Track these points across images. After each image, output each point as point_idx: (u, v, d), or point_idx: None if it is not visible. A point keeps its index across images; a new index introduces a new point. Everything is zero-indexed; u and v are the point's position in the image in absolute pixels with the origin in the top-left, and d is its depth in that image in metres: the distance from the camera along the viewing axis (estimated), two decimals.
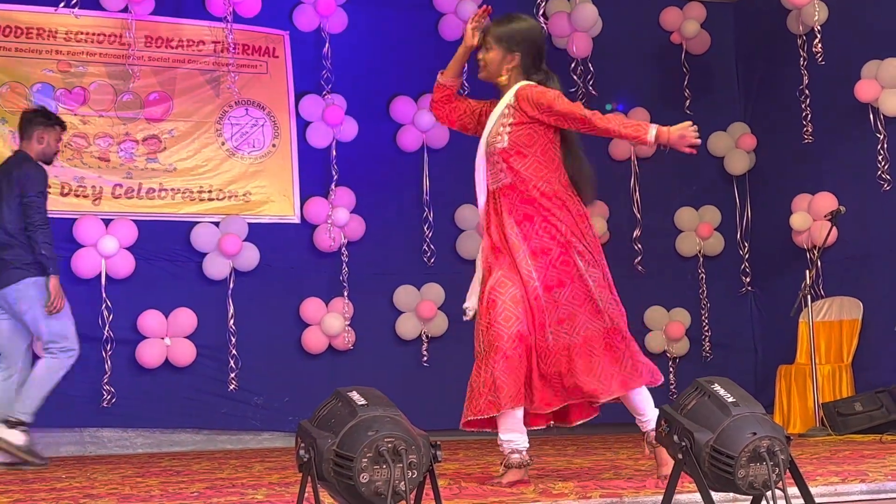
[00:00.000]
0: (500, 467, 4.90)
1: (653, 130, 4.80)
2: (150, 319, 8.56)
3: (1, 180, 7.15)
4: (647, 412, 4.83)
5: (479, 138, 5.22)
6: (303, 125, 9.27)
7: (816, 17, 8.96)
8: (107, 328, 8.45)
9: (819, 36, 8.94)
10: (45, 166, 7.28)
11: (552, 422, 5.09)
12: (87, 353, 8.41)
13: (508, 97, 5.14)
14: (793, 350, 9.33)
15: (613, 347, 4.83)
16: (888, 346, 8.78)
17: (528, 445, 4.87)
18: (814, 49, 8.99)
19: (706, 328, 10.24)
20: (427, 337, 9.39)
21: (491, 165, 5.08)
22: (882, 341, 8.85)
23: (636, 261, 10.06)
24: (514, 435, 4.85)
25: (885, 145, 8.97)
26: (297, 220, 9.19)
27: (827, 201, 9.18)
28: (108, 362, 8.42)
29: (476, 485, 4.78)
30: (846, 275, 9.27)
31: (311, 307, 9.05)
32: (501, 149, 5.02)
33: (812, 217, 9.33)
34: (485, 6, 5.37)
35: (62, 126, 7.51)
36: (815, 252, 8.98)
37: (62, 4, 8.08)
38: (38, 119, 7.37)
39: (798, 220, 9.42)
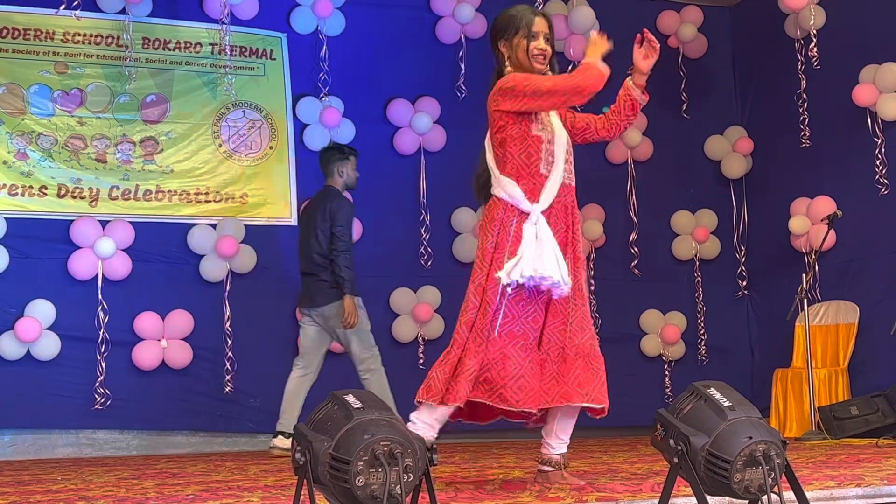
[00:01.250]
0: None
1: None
2: (146, 321, 8.56)
3: (315, 212, 7.76)
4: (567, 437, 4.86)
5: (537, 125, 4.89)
6: (300, 127, 9.28)
7: (812, 22, 8.97)
8: (102, 330, 8.45)
9: (815, 40, 8.95)
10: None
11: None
12: (83, 354, 8.43)
13: None
14: (789, 354, 9.33)
15: (593, 358, 4.77)
16: (884, 350, 8.78)
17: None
18: (810, 53, 9.00)
19: (702, 332, 10.25)
20: (423, 339, 9.39)
21: (567, 158, 4.89)
22: (878, 345, 8.85)
23: (632, 264, 10.07)
24: None
25: (883, 150, 8.97)
26: (293, 223, 9.18)
27: (826, 205, 9.18)
28: (103, 364, 8.42)
29: (472, 488, 4.78)
30: (843, 279, 9.28)
31: None
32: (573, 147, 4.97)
33: (811, 221, 9.34)
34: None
35: (355, 154, 8.05)
36: (812, 256, 8.99)
37: (63, 7, 8.07)
38: (334, 155, 7.99)
39: (797, 223, 9.42)
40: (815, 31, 8.98)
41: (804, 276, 8.68)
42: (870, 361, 8.94)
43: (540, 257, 4.65)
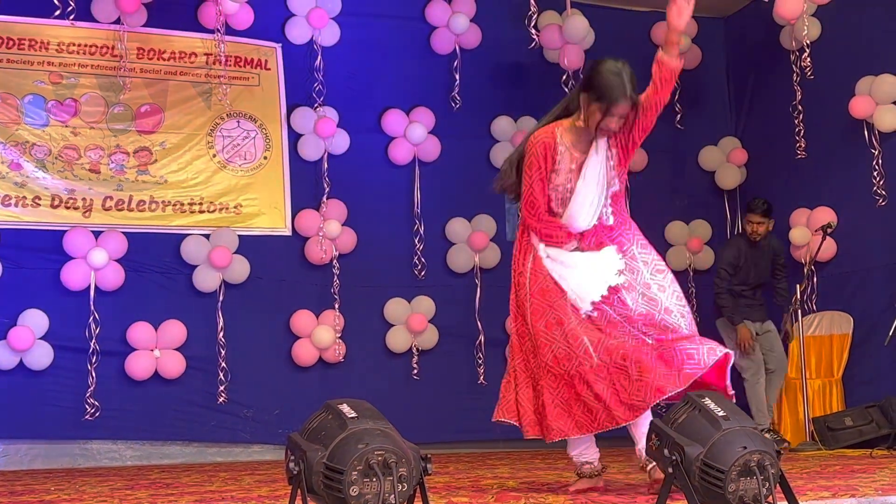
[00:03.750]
0: (573, 475, 5.06)
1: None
2: (139, 331, 8.54)
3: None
4: None
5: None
6: (294, 137, 9.27)
7: (806, 32, 8.97)
8: (93, 340, 8.43)
9: (808, 51, 8.96)
10: None
11: None
12: (76, 365, 8.41)
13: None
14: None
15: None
16: (878, 361, 8.78)
17: (598, 455, 5.02)
18: (803, 64, 9.00)
19: None
20: (418, 350, 9.38)
21: None
22: (872, 356, 8.85)
23: None
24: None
25: (880, 161, 8.98)
26: (288, 233, 9.18)
27: (826, 216, 9.13)
28: (93, 374, 8.40)
29: (467, 499, 4.77)
30: (838, 289, 9.28)
31: (302, 319, 9.04)
32: None
33: (811, 232, 9.31)
34: None
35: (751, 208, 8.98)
36: (808, 266, 8.97)
37: (56, 13, 8.04)
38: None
39: (798, 234, 9.41)
40: (808, 42, 8.99)
41: (798, 286, 8.67)
42: (864, 372, 8.94)
43: None
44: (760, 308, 8.96)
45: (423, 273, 9.53)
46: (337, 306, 9.16)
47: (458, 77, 9.75)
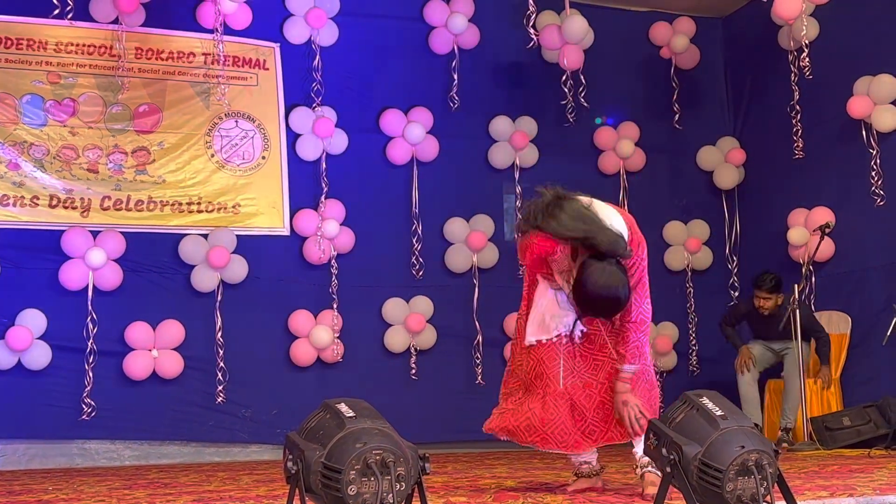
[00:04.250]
0: (571, 476, 5.09)
1: (631, 369, 5.11)
2: (137, 331, 8.54)
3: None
4: None
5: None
6: (293, 137, 9.27)
7: (805, 32, 8.97)
8: (91, 340, 8.42)
9: (807, 51, 8.96)
10: None
11: None
12: (74, 365, 8.40)
13: None
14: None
15: None
16: (877, 361, 8.78)
17: (596, 455, 5.06)
18: (801, 64, 9.01)
19: (694, 342, 10.24)
20: (416, 350, 9.37)
21: None
22: (870, 356, 8.85)
23: None
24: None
25: (878, 161, 8.98)
26: (286, 233, 9.18)
27: (824, 216, 9.14)
28: (90, 374, 8.39)
29: (465, 499, 4.77)
30: (836, 289, 9.29)
31: (300, 319, 9.04)
32: None
33: (810, 232, 9.32)
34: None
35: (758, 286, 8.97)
36: (806, 266, 8.97)
37: (55, 13, 8.03)
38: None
39: (796, 234, 9.41)
40: (807, 42, 8.99)
41: (796, 286, 8.68)
42: (862, 372, 8.94)
43: None
44: (781, 332, 8.88)
45: (421, 273, 9.53)
46: (335, 306, 9.15)
47: (456, 77, 9.74)
